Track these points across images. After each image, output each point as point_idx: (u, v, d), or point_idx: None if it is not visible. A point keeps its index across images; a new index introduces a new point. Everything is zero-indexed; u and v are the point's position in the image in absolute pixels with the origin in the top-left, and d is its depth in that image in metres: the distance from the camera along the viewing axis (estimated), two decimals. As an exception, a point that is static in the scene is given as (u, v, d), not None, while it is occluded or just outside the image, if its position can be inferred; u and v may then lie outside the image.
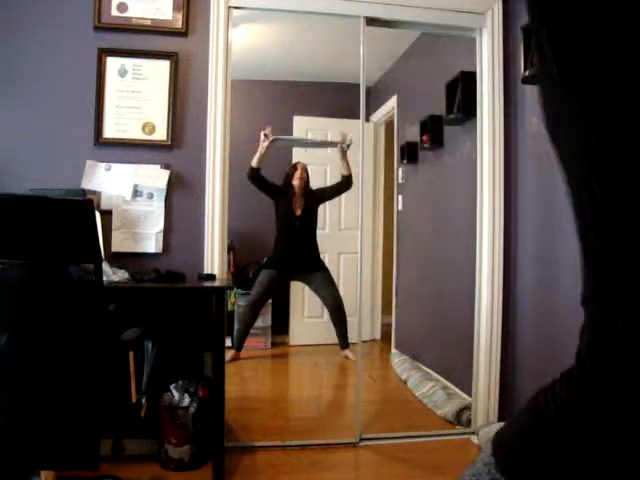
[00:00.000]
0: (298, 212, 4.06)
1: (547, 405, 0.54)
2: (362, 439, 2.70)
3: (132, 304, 2.24)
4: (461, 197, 3.22)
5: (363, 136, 2.82)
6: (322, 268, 4.09)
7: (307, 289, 4.23)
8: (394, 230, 4.39)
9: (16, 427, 1.60)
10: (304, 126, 4.62)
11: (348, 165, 3.95)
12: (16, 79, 2.48)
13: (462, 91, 3.03)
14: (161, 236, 2.55)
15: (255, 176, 3.79)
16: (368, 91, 2.93)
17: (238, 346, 4.04)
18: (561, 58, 0.51)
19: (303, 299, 4.52)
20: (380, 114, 4.62)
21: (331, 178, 4.65)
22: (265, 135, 3.66)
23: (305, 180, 4.11)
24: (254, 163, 3.75)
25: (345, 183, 3.99)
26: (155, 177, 2.54)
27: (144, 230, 2.54)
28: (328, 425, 2.98)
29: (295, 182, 4.07)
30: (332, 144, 4.01)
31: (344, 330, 4.06)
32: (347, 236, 4.02)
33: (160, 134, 2.55)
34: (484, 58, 2.81)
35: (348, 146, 3.89)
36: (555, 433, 0.51)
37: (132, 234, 2.54)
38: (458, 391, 3.16)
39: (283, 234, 4.08)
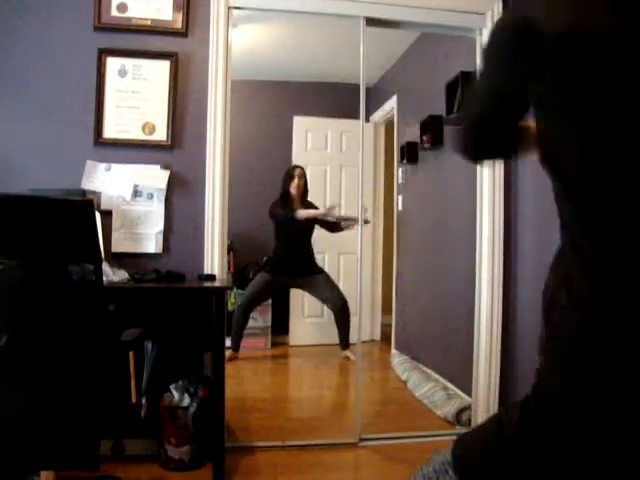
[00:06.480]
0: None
1: (509, 423, 0.56)
2: (362, 439, 2.70)
3: (132, 304, 2.23)
4: (461, 197, 3.22)
5: (363, 136, 2.82)
6: (321, 271, 4.14)
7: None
8: (394, 230, 4.39)
9: (16, 427, 1.60)
10: (304, 126, 4.62)
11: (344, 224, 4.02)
12: (16, 79, 2.48)
13: (462, 91, 3.03)
14: (161, 236, 2.55)
15: (287, 219, 3.93)
16: (368, 91, 2.93)
17: (235, 346, 4.07)
18: None
19: (303, 299, 4.52)
20: (380, 114, 4.62)
21: (331, 178, 4.65)
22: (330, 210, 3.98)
23: (303, 185, 4.16)
24: (299, 216, 3.92)
25: (331, 228, 4.10)
26: (155, 177, 2.54)
27: (144, 230, 2.54)
28: (328, 425, 2.98)
29: (293, 189, 4.12)
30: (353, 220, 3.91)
31: (347, 330, 4.06)
32: (347, 236, 4.01)
33: (160, 134, 2.55)
34: (484, 58, 2.81)
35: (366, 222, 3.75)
36: (511, 451, 0.52)
37: (132, 234, 2.54)
38: (458, 391, 3.16)
39: (281, 239, 4.12)
